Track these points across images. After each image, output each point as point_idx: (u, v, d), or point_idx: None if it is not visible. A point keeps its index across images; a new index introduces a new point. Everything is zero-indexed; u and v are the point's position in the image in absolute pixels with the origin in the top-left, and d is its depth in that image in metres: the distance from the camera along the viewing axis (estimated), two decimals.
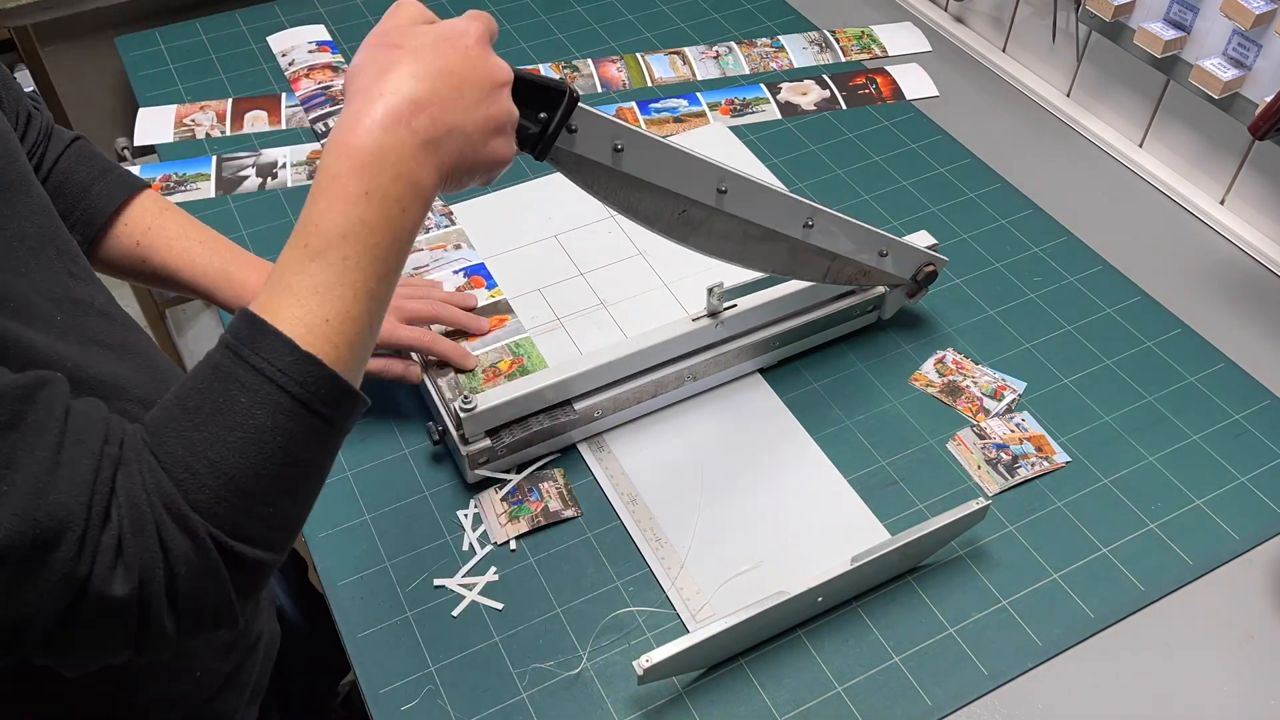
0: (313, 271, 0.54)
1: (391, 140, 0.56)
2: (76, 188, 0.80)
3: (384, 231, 0.56)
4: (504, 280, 1.04)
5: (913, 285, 0.96)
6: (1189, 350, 0.99)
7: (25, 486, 0.48)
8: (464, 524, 0.85)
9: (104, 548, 0.49)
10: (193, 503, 0.51)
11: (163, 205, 0.84)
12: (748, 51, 1.36)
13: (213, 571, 0.52)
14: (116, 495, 0.50)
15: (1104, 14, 1.12)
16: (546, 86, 0.66)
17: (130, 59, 1.36)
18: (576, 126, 0.69)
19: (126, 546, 0.50)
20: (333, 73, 1.32)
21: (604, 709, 0.75)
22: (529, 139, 0.67)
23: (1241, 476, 0.89)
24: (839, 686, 0.76)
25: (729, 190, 0.78)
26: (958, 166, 1.19)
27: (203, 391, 0.53)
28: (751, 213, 0.80)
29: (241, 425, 0.52)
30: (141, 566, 0.50)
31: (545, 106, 0.67)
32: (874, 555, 0.77)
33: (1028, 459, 0.90)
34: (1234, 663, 0.78)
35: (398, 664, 0.78)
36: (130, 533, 0.50)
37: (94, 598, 0.49)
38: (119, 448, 0.51)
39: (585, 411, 0.88)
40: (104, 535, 0.49)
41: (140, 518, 0.50)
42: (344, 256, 0.55)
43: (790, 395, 0.95)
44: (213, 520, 0.51)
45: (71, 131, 0.83)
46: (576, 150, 0.70)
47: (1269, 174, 1.07)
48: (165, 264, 0.83)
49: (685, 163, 0.76)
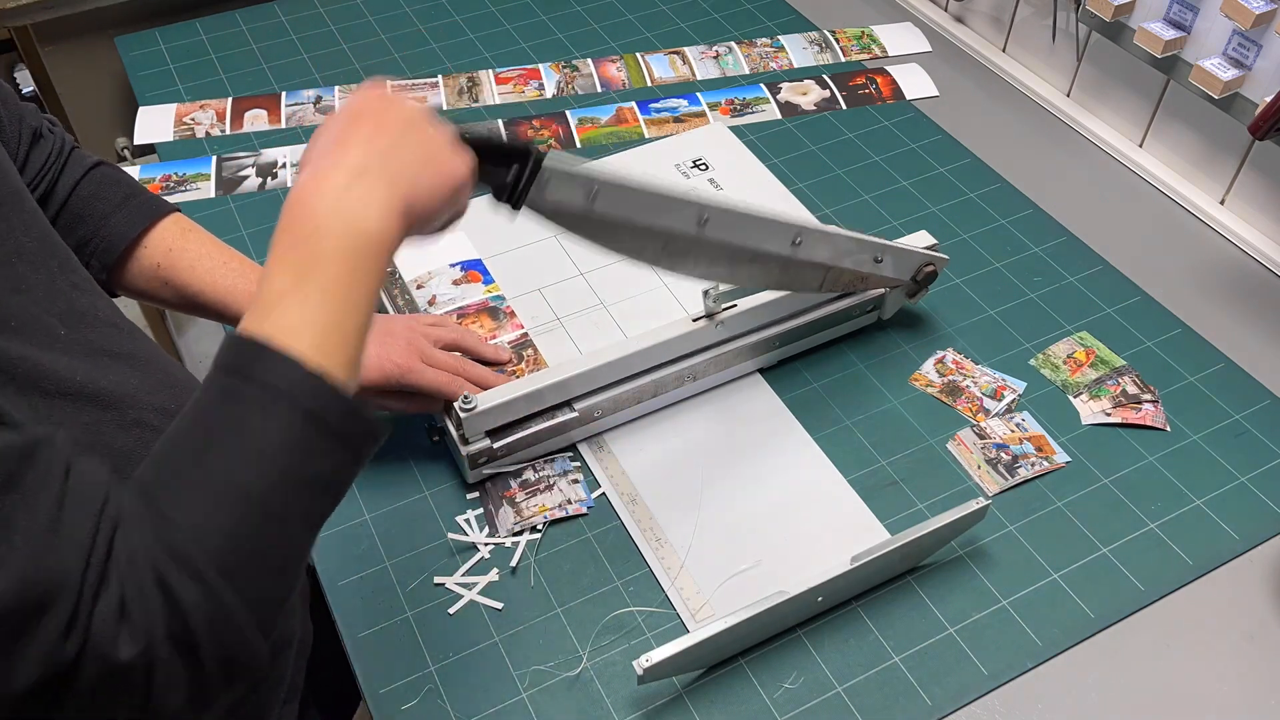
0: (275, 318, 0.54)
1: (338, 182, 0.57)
2: (98, 214, 0.79)
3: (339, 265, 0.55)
4: (504, 281, 1.04)
5: (913, 285, 0.97)
6: (1189, 350, 0.99)
7: (23, 549, 0.46)
8: (464, 525, 0.85)
9: (102, 612, 0.47)
10: (201, 543, 0.49)
11: (185, 227, 0.83)
12: (748, 51, 1.36)
13: (227, 614, 0.50)
14: (115, 558, 0.48)
15: (1104, 14, 1.12)
16: (512, 148, 0.69)
17: (130, 59, 1.36)
18: (549, 178, 0.71)
19: (131, 607, 0.48)
20: (494, 321, 1.00)
21: (604, 709, 0.75)
22: (503, 192, 0.70)
23: (1241, 476, 0.89)
24: (839, 686, 0.76)
25: (710, 220, 0.78)
26: (958, 166, 1.19)
27: (210, 417, 0.52)
28: (736, 238, 0.81)
29: (255, 445, 0.51)
30: (148, 627, 0.48)
31: (517, 160, 0.70)
32: (874, 555, 0.77)
33: (1028, 459, 0.90)
34: (1234, 663, 0.78)
35: (398, 664, 0.78)
36: (132, 594, 0.48)
37: (96, 662, 0.47)
38: (119, 507, 0.50)
39: (585, 411, 0.88)
40: (102, 598, 0.47)
41: (140, 578, 0.48)
42: (302, 299, 0.54)
43: (790, 395, 0.95)
44: (223, 555, 0.50)
45: (94, 156, 0.82)
46: (549, 200, 0.72)
47: (1269, 174, 1.07)
48: (188, 286, 0.82)
49: (661, 201, 0.76)
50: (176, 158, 1.22)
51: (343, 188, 0.56)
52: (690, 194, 0.77)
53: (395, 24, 1.41)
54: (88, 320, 0.63)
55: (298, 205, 0.56)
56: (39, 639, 0.46)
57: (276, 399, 0.51)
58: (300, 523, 0.54)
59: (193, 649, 0.49)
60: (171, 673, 0.49)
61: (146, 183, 1.18)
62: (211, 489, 0.50)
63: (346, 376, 0.54)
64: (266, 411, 0.51)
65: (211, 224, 1.12)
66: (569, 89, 1.31)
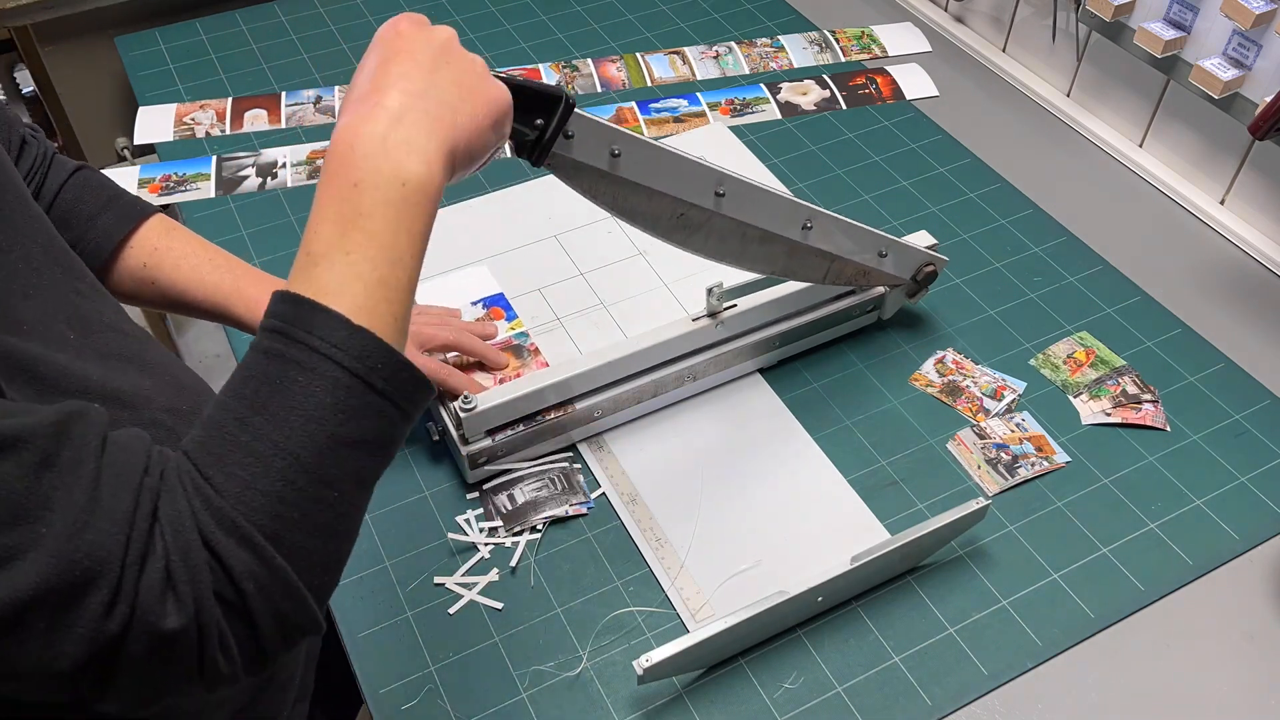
0: (318, 275, 0.53)
1: (378, 129, 0.55)
2: (83, 218, 0.79)
3: (382, 217, 0.54)
4: (504, 281, 1.04)
5: (913, 285, 0.97)
6: (1189, 350, 0.99)
7: (62, 528, 0.46)
8: (464, 525, 0.85)
9: (147, 583, 0.47)
10: (250, 506, 0.49)
11: (170, 226, 0.83)
12: (748, 51, 1.36)
13: (281, 577, 0.49)
14: (159, 526, 0.48)
15: (1104, 14, 1.12)
16: (542, 93, 0.66)
17: (130, 59, 1.36)
18: (573, 132, 0.69)
19: (177, 577, 0.47)
20: (518, 359, 0.97)
21: (604, 709, 0.75)
22: (526, 145, 0.67)
23: (1241, 476, 0.89)
24: (839, 686, 0.76)
25: (727, 193, 0.78)
26: (958, 166, 1.19)
27: (256, 379, 0.51)
28: (749, 215, 0.80)
29: (301, 406, 0.50)
30: (196, 596, 0.48)
31: (542, 113, 0.66)
32: (874, 555, 0.77)
33: (1028, 459, 0.90)
34: (1234, 663, 0.78)
35: (398, 664, 0.78)
36: (178, 563, 0.47)
37: (143, 634, 0.47)
38: (159, 478, 0.49)
39: (585, 411, 0.88)
40: (146, 571, 0.47)
41: (187, 545, 0.48)
42: (346, 251, 0.53)
43: (790, 395, 0.95)
44: (272, 519, 0.49)
45: (75, 161, 0.82)
46: (573, 156, 0.70)
47: (1269, 174, 1.07)
48: (174, 284, 0.81)
49: (682, 166, 0.76)
50: (176, 158, 1.22)
51: (381, 136, 0.55)
52: (709, 162, 0.76)
53: None
54: (95, 326, 0.63)
55: (337, 155, 0.55)
56: (83, 618, 0.46)
57: (322, 359, 0.50)
58: (351, 483, 0.53)
59: (246, 614, 0.49)
60: (225, 638, 0.49)
61: (146, 183, 1.18)
62: (258, 453, 0.49)
63: (394, 331, 0.53)
64: (312, 372, 0.50)
65: (211, 224, 1.12)
66: (569, 89, 1.31)
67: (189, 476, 0.49)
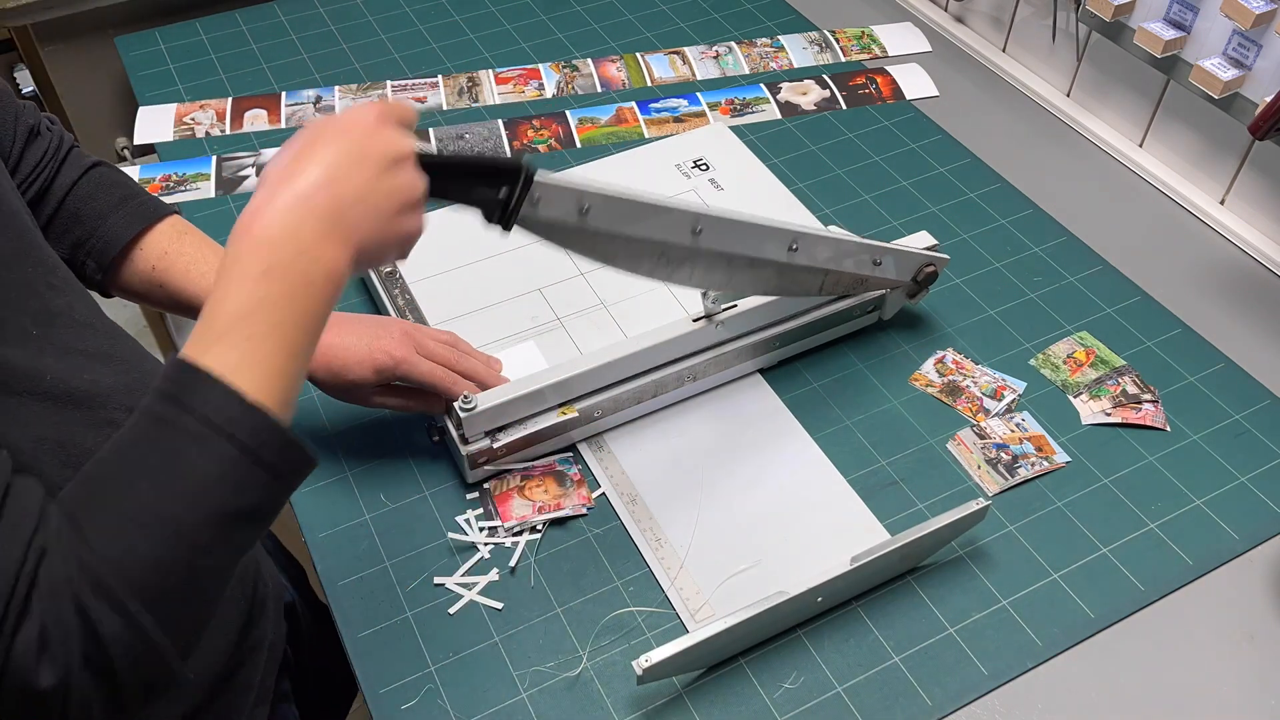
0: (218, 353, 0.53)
1: (292, 219, 0.56)
2: (95, 215, 0.79)
3: (287, 308, 0.55)
4: (504, 281, 1.04)
5: (913, 286, 0.97)
6: (1189, 350, 0.99)
7: None
8: (464, 525, 0.85)
9: (23, 642, 0.48)
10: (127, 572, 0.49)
11: (182, 230, 0.83)
12: (748, 51, 1.36)
13: (147, 644, 0.50)
14: (38, 588, 0.48)
15: (1104, 14, 1.12)
16: (501, 167, 0.67)
17: (130, 59, 1.36)
18: (540, 196, 0.69)
19: (50, 638, 0.48)
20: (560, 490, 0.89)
21: (604, 709, 0.75)
22: (493, 213, 0.68)
23: (1241, 476, 0.89)
24: (839, 686, 0.76)
25: (704, 229, 0.78)
26: (958, 166, 1.19)
27: (146, 444, 0.52)
28: (731, 246, 0.80)
29: (189, 476, 0.51)
30: (66, 659, 0.48)
31: (506, 181, 0.67)
32: (874, 555, 0.77)
33: (1028, 459, 0.90)
34: (1234, 663, 0.78)
35: (398, 664, 0.78)
36: (52, 624, 0.48)
37: (16, 690, 0.48)
38: (46, 537, 0.50)
39: (585, 411, 0.88)
40: (23, 630, 0.48)
41: (61, 608, 0.49)
42: (248, 336, 0.54)
43: (790, 395, 0.95)
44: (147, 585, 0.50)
45: (93, 157, 0.82)
46: (542, 218, 0.70)
47: (1269, 174, 1.07)
48: (183, 289, 0.81)
49: (654, 212, 0.75)
50: (176, 158, 1.22)
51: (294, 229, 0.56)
52: (683, 203, 0.76)
53: (395, 24, 1.42)
54: (62, 320, 0.63)
55: (251, 237, 0.56)
56: None
57: (215, 433, 0.51)
58: (227, 552, 0.54)
59: (110, 675, 0.50)
60: (88, 698, 0.50)
61: (146, 183, 1.18)
62: (140, 520, 0.50)
63: (285, 408, 0.55)
64: (203, 445, 0.51)
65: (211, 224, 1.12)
66: (569, 89, 1.31)
67: (69, 537, 0.50)
